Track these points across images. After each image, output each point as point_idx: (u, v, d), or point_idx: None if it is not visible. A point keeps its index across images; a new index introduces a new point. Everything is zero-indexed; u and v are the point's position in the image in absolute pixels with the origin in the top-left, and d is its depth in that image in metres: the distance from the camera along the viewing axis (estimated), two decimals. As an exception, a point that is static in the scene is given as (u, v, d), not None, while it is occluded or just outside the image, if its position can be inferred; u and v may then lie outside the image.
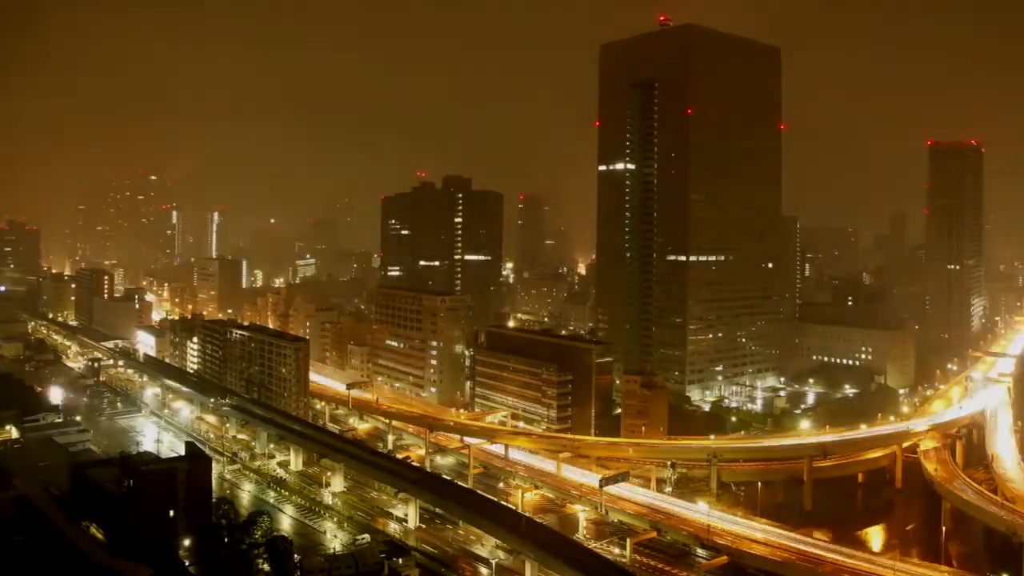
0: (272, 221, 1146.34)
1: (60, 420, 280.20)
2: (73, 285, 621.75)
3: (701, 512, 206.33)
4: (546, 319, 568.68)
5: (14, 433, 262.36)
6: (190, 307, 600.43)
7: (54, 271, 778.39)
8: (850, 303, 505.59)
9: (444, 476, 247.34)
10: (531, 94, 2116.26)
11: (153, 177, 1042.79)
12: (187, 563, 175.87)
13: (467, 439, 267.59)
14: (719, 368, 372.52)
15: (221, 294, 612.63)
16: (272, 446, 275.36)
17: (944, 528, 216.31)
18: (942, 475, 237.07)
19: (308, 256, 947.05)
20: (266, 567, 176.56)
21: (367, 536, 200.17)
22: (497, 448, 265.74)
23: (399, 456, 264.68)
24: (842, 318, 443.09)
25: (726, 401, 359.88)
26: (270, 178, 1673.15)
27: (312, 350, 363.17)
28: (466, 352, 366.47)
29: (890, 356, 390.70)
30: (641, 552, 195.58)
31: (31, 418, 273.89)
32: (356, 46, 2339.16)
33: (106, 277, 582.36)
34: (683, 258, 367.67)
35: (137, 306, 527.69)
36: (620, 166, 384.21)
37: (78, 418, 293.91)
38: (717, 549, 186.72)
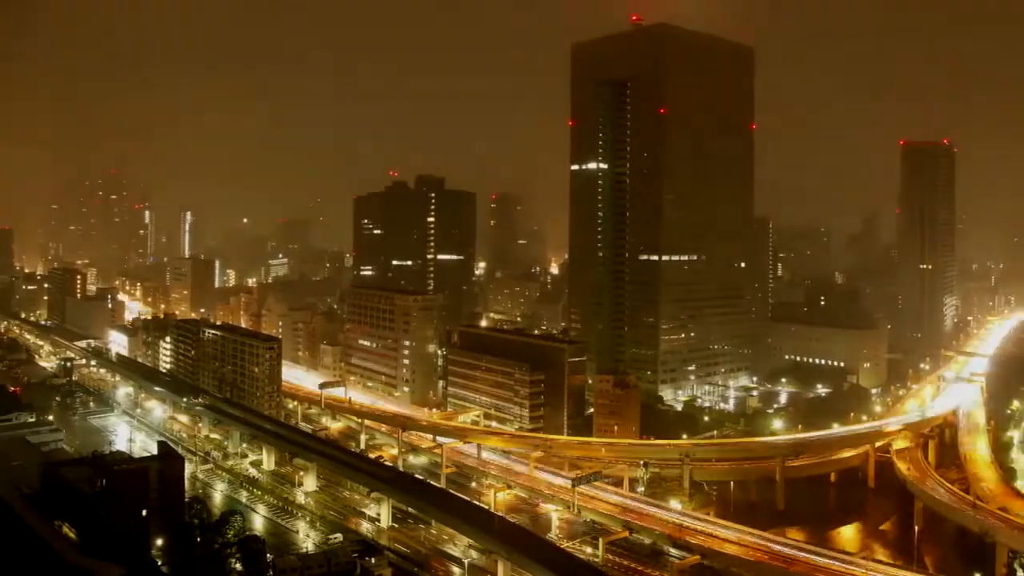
0: (245, 221, 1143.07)
1: (32, 419, 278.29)
2: (46, 284, 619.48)
3: (674, 512, 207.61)
4: (519, 319, 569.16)
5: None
6: (163, 306, 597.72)
7: (27, 270, 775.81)
8: (823, 303, 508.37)
9: (417, 476, 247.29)
10: (504, 93, 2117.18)
11: (124, 180, 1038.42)
12: (159, 562, 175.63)
13: (440, 439, 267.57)
14: (691, 368, 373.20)
15: (194, 294, 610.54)
16: (245, 445, 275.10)
17: (917, 528, 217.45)
18: (914, 475, 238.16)
19: (281, 256, 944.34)
20: (239, 566, 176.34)
21: (339, 535, 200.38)
22: (470, 448, 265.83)
23: (372, 455, 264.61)
24: (814, 318, 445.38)
25: (698, 401, 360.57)
26: (243, 178, 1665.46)
27: (285, 349, 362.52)
28: (439, 352, 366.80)
29: (862, 356, 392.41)
30: (614, 552, 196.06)
31: (3, 417, 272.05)
32: (329, 46, 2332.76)
33: (79, 276, 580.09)
34: (656, 258, 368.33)
35: (110, 305, 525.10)
36: (593, 165, 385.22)
37: (50, 417, 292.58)
38: (689, 549, 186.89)
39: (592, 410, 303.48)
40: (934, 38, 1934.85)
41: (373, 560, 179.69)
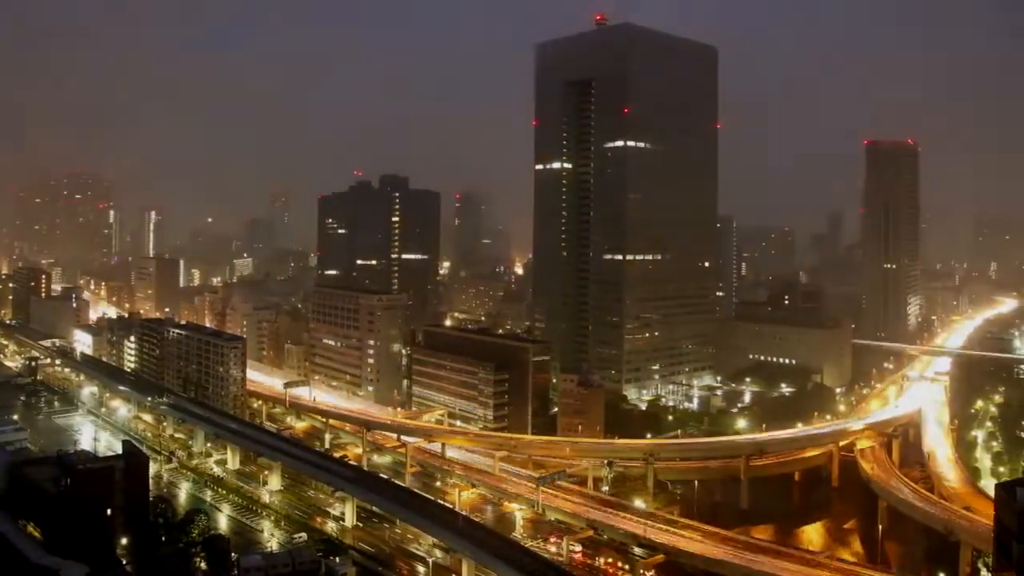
0: (209, 220, 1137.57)
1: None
2: (11, 284, 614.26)
3: (638, 511, 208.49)
4: (483, 318, 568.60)
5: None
6: (127, 306, 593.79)
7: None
8: (786, 302, 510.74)
9: (381, 475, 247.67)
10: (469, 93, 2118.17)
11: (89, 180, 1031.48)
12: (124, 561, 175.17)
13: (404, 438, 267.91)
14: (656, 367, 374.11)
15: (158, 293, 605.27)
16: (209, 445, 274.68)
17: (881, 527, 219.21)
18: (878, 474, 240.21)
19: (245, 255, 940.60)
20: (203, 565, 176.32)
21: (304, 535, 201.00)
22: (434, 447, 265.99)
23: (336, 455, 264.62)
24: (778, 317, 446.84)
25: (663, 400, 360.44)
26: (207, 177, 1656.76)
27: (249, 349, 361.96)
28: (403, 351, 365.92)
29: (826, 355, 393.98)
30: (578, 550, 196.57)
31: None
32: (295, 45, 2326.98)
33: (43, 276, 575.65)
34: (619, 257, 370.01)
35: (75, 305, 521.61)
36: (557, 165, 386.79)
37: (15, 417, 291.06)
38: (654, 547, 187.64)
39: (557, 409, 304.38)
40: (900, 39, 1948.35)
41: (337, 559, 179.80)
